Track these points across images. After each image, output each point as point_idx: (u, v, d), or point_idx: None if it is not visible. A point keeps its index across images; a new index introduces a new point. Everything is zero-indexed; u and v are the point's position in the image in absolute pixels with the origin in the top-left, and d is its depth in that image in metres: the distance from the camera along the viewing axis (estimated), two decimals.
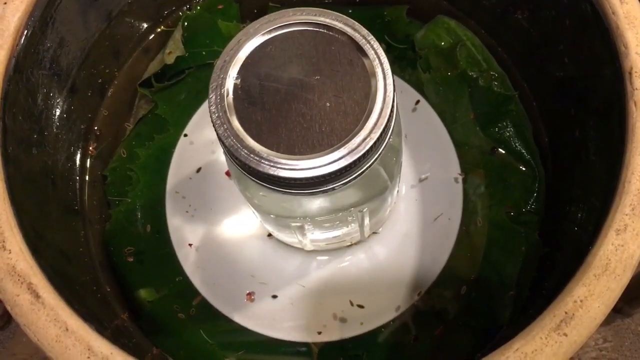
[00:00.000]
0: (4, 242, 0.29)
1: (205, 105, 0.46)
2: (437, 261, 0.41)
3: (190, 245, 0.42)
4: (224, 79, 0.26)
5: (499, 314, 0.39)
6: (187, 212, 0.43)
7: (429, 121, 0.44)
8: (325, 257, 0.42)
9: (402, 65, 0.46)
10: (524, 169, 0.42)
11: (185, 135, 0.45)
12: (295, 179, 0.24)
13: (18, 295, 0.28)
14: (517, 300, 0.39)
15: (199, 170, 0.44)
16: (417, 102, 0.45)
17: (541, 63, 0.41)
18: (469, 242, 0.41)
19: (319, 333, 0.40)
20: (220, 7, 0.47)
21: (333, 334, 0.40)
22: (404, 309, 0.40)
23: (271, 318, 0.41)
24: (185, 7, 0.47)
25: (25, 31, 0.34)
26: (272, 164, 0.24)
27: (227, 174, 0.43)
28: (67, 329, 0.27)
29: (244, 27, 0.46)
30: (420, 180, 0.43)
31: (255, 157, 0.24)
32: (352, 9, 0.47)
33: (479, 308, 0.40)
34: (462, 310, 0.40)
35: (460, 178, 0.43)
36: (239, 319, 0.41)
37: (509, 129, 0.42)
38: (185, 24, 0.47)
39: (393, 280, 0.41)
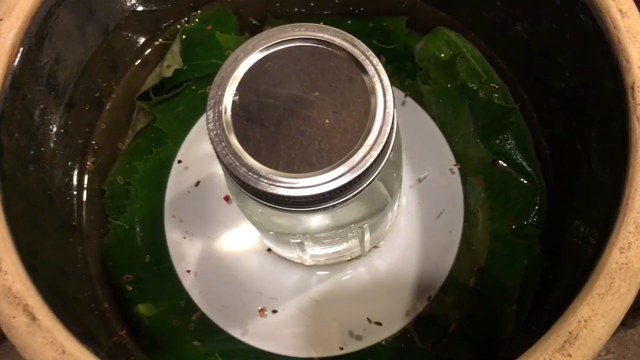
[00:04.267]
0: None
1: (203, 118, 0.45)
2: (438, 272, 0.41)
3: (188, 271, 0.42)
4: (222, 95, 0.25)
5: (500, 328, 0.39)
6: (184, 237, 0.43)
7: (417, 115, 0.44)
8: (325, 272, 0.41)
9: (401, 76, 0.46)
10: (525, 181, 0.41)
11: (180, 161, 0.45)
12: (294, 197, 0.24)
13: (14, 317, 0.27)
14: (519, 315, 0.38)
15: (197, 184, 0.44)
16: (406, 94, 0.45)
17: (542, 75, 0.41)
18: (470, 253, 0.41)
19: (341, 348, 0.40)
20: (209, 27, 0.47)
21: (334, 349, 0.39)
22: (405, 322, 0.40)
23: (270, 333, 0.40)
24: (183, 20, 0.47)
25: (22, 48, 0.34)
26: (271, 182, 0.24)
27: (226, 198, 0.43)
28: (64, 352, 0.27)
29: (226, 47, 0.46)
30: (420, 180, 0.43)
31: (254, 175, 0.24)
32: (351, 20, 0.47)
33: (480, 321, 0.39)
34: (463, 321, 0.39)
35: (455, 169, 0.43)
36: (239, 333, 0.40)
37: (509, 141, 0.42)
38: (183, 36, 0.47)
39: (394, 293, 0.41)
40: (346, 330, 0.40)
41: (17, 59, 0.33)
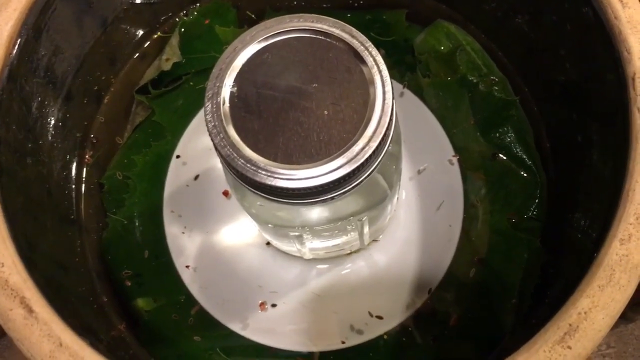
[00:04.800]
0: None
1: (202, 111, 0.45)
2: (438, 266, 0.41)
3: (187, 266, 0.42)
4: (220, 87, 0.25)
5: (501, 322, 0.38)
6: (183, 233, 0.43)
7: (415, 106, 0.44)
8: (325, 266, 0.41)
9: (401, 69, 0.46)
10: (525, 174, 0.41)
11: (178, 156, 0.45)
12: (293, 189, 0.24)
13: (11, 309, 0.27)
14: (520, 309, 0.38)
15: (196, 177, 0.44)
16: (404, 85, 0.45)
17: (542, 67, 0.40)
18: (470, 246, 0.41)
19: (343, 342, 0.39)
20: (207, 21, 0.47)
21: (335, 343, 0.39)
22: (405, 316, 0.40)
23: (270, 327, 0.40)
24: (182, 13, 0.47)
25: (19, 39, 0.33)
26: (269, 174, 0.24)
27: (225, 193, 0.43)
28: (61, 344, 0.27)
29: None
30: (419, 172, 0.43)
31: (252, 167, 0.24)
32: (350, 12, 0.47)
33: (480, 315, 0.39)
34: (463, 316, 0.39)
35: (454, 160, 0.43)
36: (238, 328, 0.40)
37: (509, 135, 0.42)
38: (182, 29, 0.46)
39: (394, 287, 0.40)
40: (347, 324, 0.40)
41: (15, 51, 0.33)
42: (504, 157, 0.42)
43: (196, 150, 0.45)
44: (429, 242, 0.41)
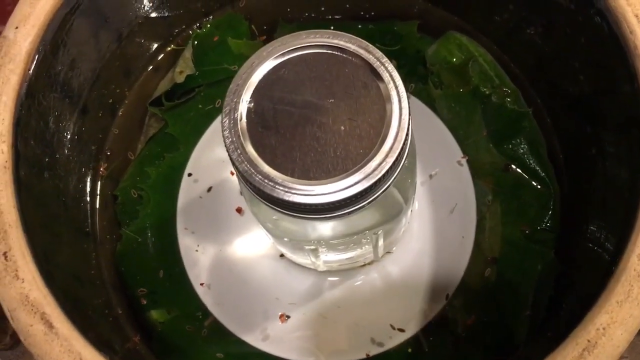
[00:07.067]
0: (16, 270, 0.28)
1: (215, 123, 0.46)
2: (451, 277, 0.41)
3: (202, 284, 0.42)
4: (237, 103, 0.25)
5: (514, 334, 0.38)
6: (196, 250, 0.43)
7: (420, 110, 0.44)
8: (337, 278, 0.41)
9: (413, 81, 0.46)
10: (538, 186, 0.41)
11: (190, 174, 0.45)
12: (310, 205, 0.24)
13: (32, 325, 0.27)
14: (533, 320, 0.38)
15: (209, 189, 0.44)
16: (410, 89, 0.45)
17: (555, 79, 0.40)
18: (483, 257, 0.41)
19: (366, 356, 0.39)
20: (215, 38, 0.47)
21: (357, 355, 0.40)
22: (418, 327, 0.40)
23: (283, 339, 0.40)
24: (195, 26, 0.47)
25: (37, 55, 0.34)
26: (286, 190, 0.24)
27: (238, 210, 0.43)
28: None
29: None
30: (431, 177, 0.43)
31: (270, 183, 0.24)
32: (361, 24, 0.47)
33: (493, 327, 0.39)
34: (476, 326, 0.39)
35: (463, 161, 0.43)
36: (252, 339, 0.40)
37: (522, 146, 0.42)
38: (195, 42, 0.47)
39: (407, 298, 0.40)
40: (367, 336, 0.40)
41: (33, 67, 0.34)
42: (517, 169, 0.42)
43: (209, 161, 0.45)
44: (442, 253, 0.41)
